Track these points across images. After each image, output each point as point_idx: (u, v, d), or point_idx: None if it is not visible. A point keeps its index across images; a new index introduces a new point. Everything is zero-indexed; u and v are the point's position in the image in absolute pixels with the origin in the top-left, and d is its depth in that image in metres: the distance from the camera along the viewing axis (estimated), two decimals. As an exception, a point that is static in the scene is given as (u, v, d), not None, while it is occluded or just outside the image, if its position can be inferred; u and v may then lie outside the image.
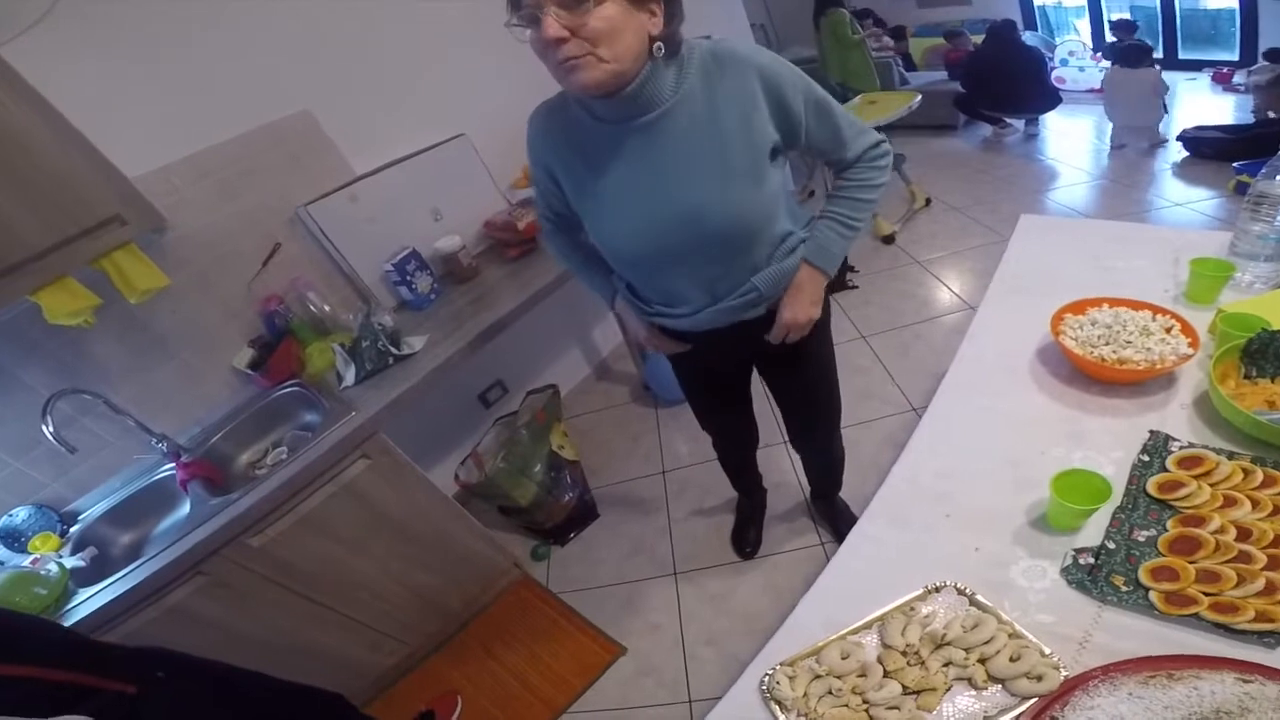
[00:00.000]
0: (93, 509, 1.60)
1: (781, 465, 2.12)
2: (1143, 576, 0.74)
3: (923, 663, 0.74)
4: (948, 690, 0.71)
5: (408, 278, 1.87)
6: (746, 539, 1.91)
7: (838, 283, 2.94)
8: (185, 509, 1.51)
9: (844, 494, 1.85)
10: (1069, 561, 0.79)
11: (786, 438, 1.66)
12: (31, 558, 1.48)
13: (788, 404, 1.48)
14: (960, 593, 0.79)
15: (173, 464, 1.59)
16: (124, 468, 1.64)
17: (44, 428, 1.37)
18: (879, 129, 1.17)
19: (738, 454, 1.75)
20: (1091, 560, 0.78)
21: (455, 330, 1.72)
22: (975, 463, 0.96)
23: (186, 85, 1.57)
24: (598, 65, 0.84)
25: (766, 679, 0.77)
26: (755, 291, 1.09)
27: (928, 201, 3.56)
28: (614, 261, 1.13)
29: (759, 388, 1.49)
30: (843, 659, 0.77)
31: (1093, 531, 0.82)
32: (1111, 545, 0.79)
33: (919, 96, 3.30)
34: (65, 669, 1.01)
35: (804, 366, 1.35)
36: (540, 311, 1.88)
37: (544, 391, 2.18)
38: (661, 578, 1.93)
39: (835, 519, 1.86)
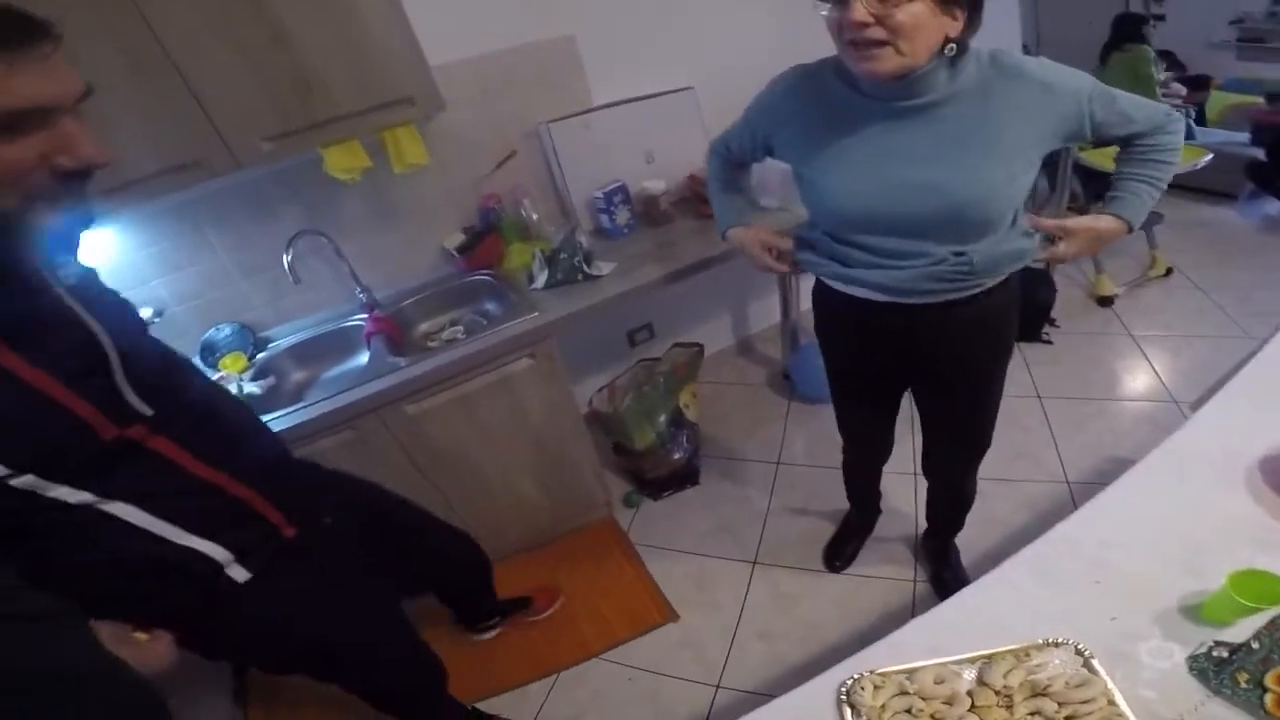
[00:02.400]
0: (283, 340, 1.91)
1: (903, 493, 2.12)
2: (1269, 679, 0.77)
3: (1010, 707, 0.79)
4: (1022, 739, 0.75)
5: (611, 208, 2.07)
6: (842, 553, 1.96)
7: (1030, 332, 2.80)
8: (362, 360, 1.77)
9: (961, 542, 1.84)
10: (1203, 650, 0.82)
11: (919, 466, 1.67)
12: (219, 375, 1.74)
13: (933, 425, 1.50)
14: (1079, 653, 0.84)
15: (365, 315, 1.90)
16: (325, 308, 1.97)
17: (285, 256, 1.69)
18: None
19: (866, 464, 1.79)
20: (1224, 654, 0.81)
21: (638, 267, 1.89)
22: (1151, 540, 0.98)
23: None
24: (893, 57, 0.91)
25: (851, 681, 0.84)
26: (967, 265, 1.09)
27: (1168, 271, 3.24)
28: (829, 220, 1.17)
29: (906, 408, 1.53)
30: (936, 683, 0.83)
31: (1240, 631, 0.84)
32: (1256, 645, 0.81)
33: (1209, 155, 3.00)
34: (252, 486, 0.95)
35: (964, 391, 1.36)
36: (710, 270, 2.01)
37: (689, 348, 2.32)
38: (738, 561, 2.03)
39: (940, 563, 1.85)
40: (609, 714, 1.74)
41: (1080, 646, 0.85)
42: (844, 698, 0.84)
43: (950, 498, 1.72)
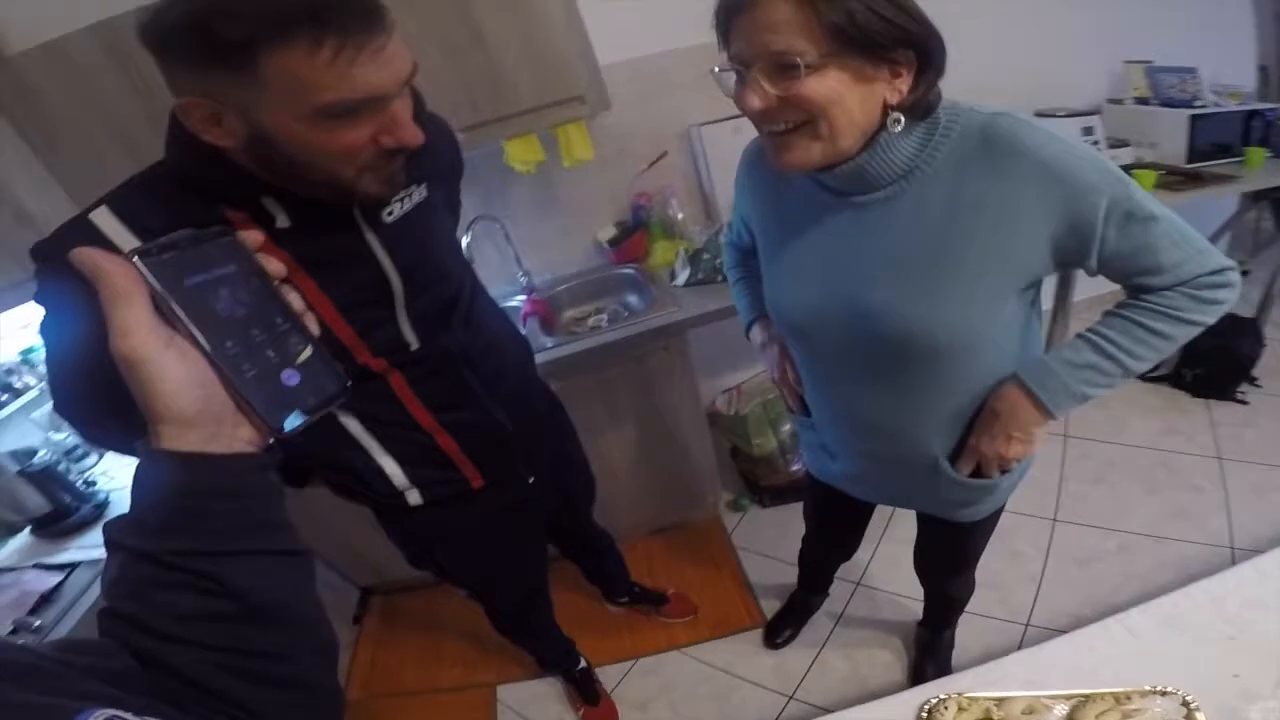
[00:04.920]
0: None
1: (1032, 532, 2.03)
2: None
3: (1095, 748, 0.79)
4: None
5: (751, 213, 2.18)
6: (779, 630, 1.91)
7: (1223, 389, 2.49)
8: None
9: (1089, 592, 1.74)
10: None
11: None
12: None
13: (920, 551, 1.45)
14: (1185, 704, 0.83)
15: (524, 297, 2.13)
16: (490, 287, 2.16)
17: (464, 239, 1.90)
18: None
19: (821, 559, 1.75)
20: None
21: (776, 273, 1.98)
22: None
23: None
24: (808, 145, 0.74)
25: (936, 700, 0.88)
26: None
27: None
28: (784, 328, 1.04)
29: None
30: (1024, 714, 0.84)
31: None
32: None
33: None
34: (459, 440, 1.04)
35: (954, 534, 1.23)
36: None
37: (820, 361, 2.36)
38: (841, 580, 1.98)
39: (925, 655, 1.73)
40: (676, 706, 1.82)
41: (1188, 698, 0.83)
42: (924, 716, 0.87)
43: (937, 597, 1.61)
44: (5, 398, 1.75)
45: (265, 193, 0.76)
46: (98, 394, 0.66)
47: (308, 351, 0.48)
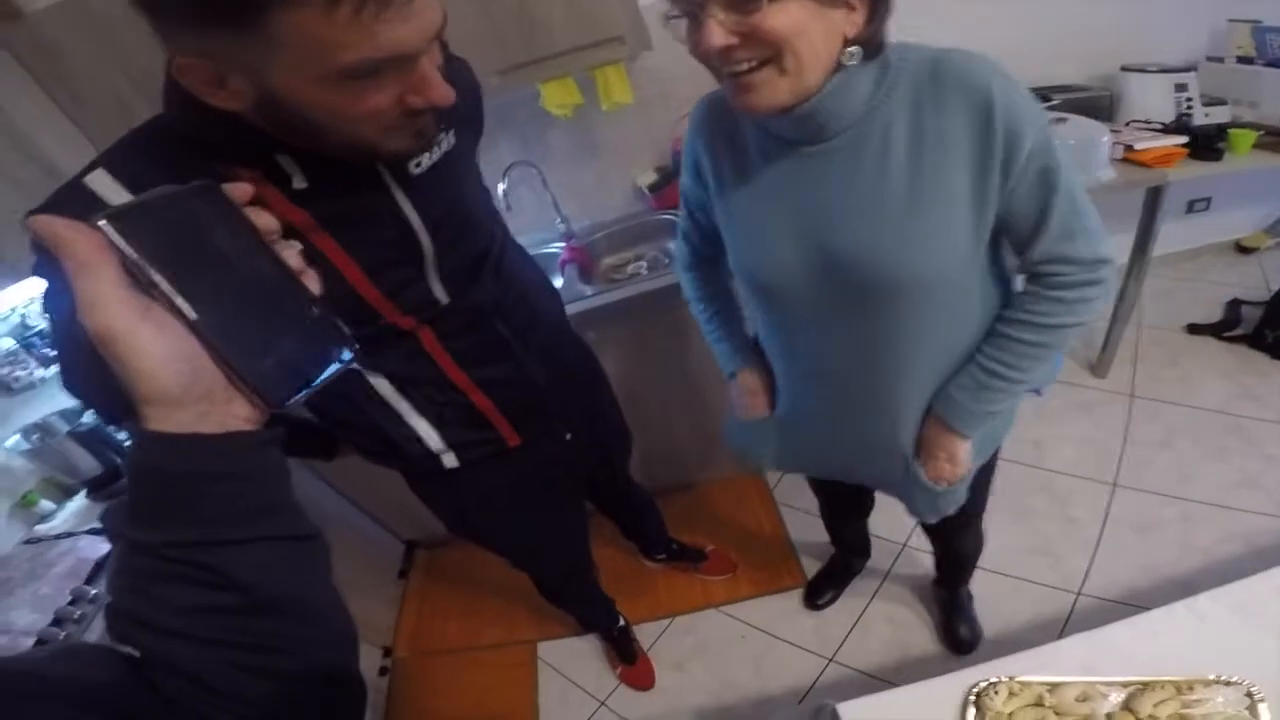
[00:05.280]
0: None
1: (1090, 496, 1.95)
2: None
3: (1151, 736, 0.76)
4: (1154, 770, 0.73)
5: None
6: (820, 591, 1.89)
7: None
8: (555, 285, 1.84)
9: (1147, 562, 1.69)
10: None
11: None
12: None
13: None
14: (1249, 695, 0.80)
15: (562, 244, 2.11)
16: (527, 234, 2.17)
17: (501, 185, 1.89)
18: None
19: (841, 521, 1.71)
20: None
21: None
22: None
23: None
24: (775, 81, 0.72)
25: (986, 683, 0.85)
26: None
27: None
28: (752, 290, 1.03)
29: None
30: (1078, 700, 0.82)
31: None
32: None
33: None
34: (493, 397, 1.02)
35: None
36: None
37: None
38: (887, 540, 1.96)
39: (950, 612, 1.71)
40: (711, 666, 1.84)
41: (1253, 689, 0.80)
42: (972, 699, 0.85)
43: (947, 553, 1.60)
44: (56, 353, 1.79)
45: (279, 150, 0.71)
46: (90, 370, 0.65)
47: (308, 314, 0.45)
